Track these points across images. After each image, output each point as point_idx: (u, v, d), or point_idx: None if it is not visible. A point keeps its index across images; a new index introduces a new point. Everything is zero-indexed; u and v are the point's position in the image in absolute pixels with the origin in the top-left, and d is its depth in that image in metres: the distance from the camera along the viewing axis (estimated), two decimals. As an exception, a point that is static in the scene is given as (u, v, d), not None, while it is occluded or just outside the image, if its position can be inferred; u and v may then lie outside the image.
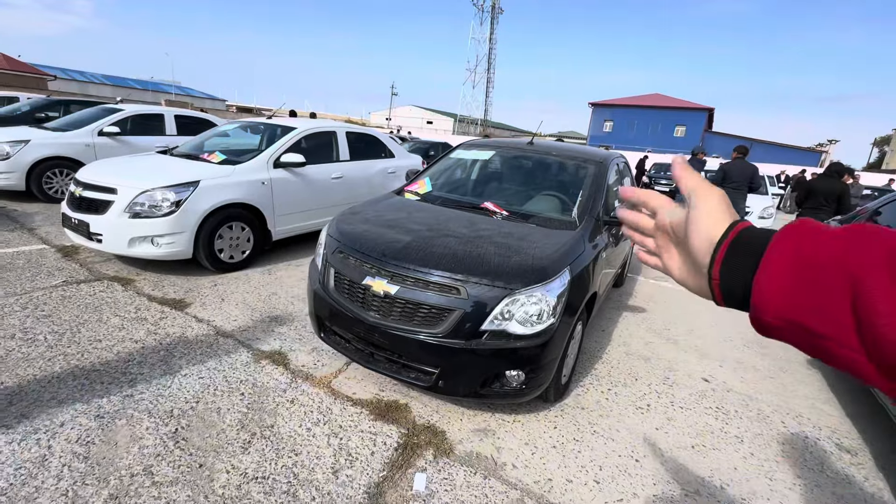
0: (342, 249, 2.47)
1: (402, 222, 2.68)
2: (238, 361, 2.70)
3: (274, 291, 3.84)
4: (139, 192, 3.62)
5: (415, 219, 2.74)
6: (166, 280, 3.85)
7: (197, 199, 3.79)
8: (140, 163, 4.29)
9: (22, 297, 3.20)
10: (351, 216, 2.84)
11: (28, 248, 4.28)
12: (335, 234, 2.63)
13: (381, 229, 2.59)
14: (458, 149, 3.81)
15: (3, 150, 5.77)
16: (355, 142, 5.60)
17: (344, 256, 2.44)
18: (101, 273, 3.83)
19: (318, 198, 4.98)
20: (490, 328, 2.08)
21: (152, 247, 3.68)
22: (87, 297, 3.34)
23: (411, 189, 3.35)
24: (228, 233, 4.11)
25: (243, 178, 4.17)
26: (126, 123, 6.86)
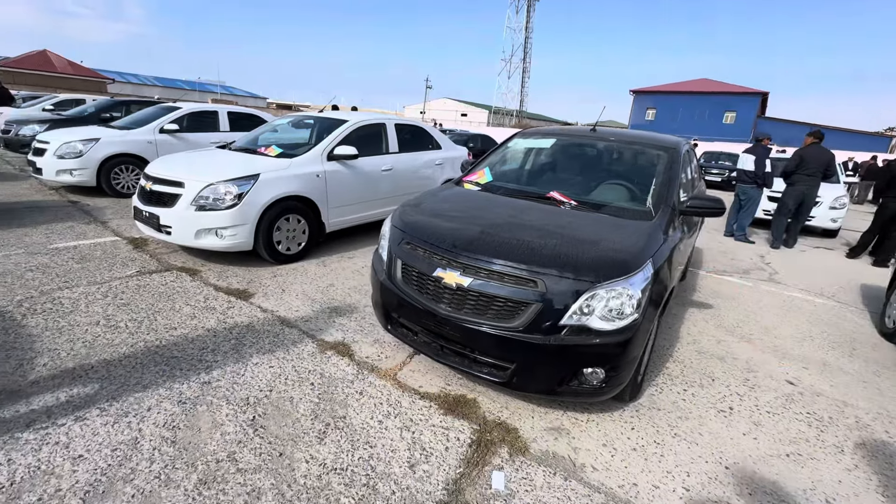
0: (409, 240, 2.43)
1: (469, 213, 2.61)
2: (304, 352, 2.73)
3: (331, 283, 3.88)
4: (204, 186, 3.74)
5: (481, 209, 2.66)
6: (229, 271, 3.97)
7: (257, 192, 3.87)
8: (203, 158, 4.43)
9: (102, 286, 3.38)
10: (414, 207, 2.79)
11: (103, 239, 4.54)
12: (400, 224, 2.59)
13: (447, 220, 2.53)
14: (516, 137, 3.68)
15: (77, 148, 6.15)
16: (404, 134, 5.57)
17: (412, 248, 2.40)
18: (169, 264, 4.00)
19: (368, 190, 4.99)
20: (570, 323, 1.97)
21: (216, 238, 3.80)
22: (160, 286, 3.49)
23: (471, 179, 3.27)
24: (286, 225, 4.18)
25: (299, 170, 4.23)
26: (183, 121, 7.16)
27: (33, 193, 6.35)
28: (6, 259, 3.78)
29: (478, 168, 3.42)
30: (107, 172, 6.37)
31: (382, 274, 2.53)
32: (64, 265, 3.76)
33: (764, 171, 6.72)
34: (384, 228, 2.77)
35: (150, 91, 56.42)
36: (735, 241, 7.13)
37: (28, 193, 6.33)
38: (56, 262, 3.82)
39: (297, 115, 5.56)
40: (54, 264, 3.76)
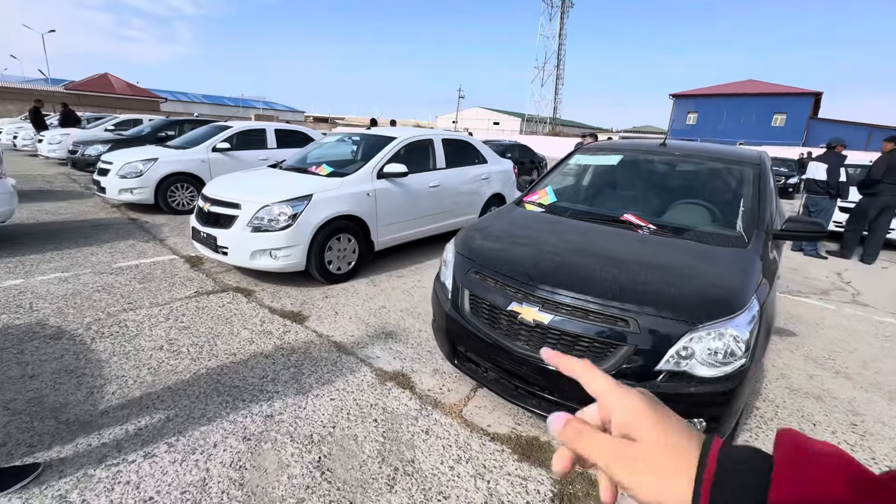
0: (478, 270, 2.28)
1: (539, 239, 2.45)
2: (364, 382, 2.63)
3: (382, 305, 3.80)
4: (260, 207, 3.75)
5: (551, 234, 2.49)
6: (282, 291, 3.96)
7: (310, 213, 3.85)
8: (257, 178, 4.49)
9: (164, 308, 3.42)
10: (479, 231, 2.65)
11: (161, 258, 4.66)
12: (466, 251, 2.46)
13: (518, 247, 2.37)
14: (578, 154, 3.49)
15: (137, 168, 6.43)
16: (450, 148, 5.48)
17: (481, 278, 2.26)
18: (225, 284, 4.04)
19: (417, 207, 4.92)
20: (667, 368, 1.76)
21: (271, 259, 3.80)
22: (218, 308, 3.51)
23: (532, 200, 3.10)
24: (336, 244, 4.15)
25: (350, 189, 4.20)
26: (234, 139, 7.38)
27: (97, 211, 6.69)
28: (76, 279, 3.92)
29: (539, 187, 3.25)
30: (164, 190, 6.63)
31: (447, 303, 2.39)
32: (127, 285, 3.86)
33: (838, 181, 6.18)
34: (447, 254, 2.65)
35: (199, 108, 59.68)
36: (805, 257, 6.58)
37: (93, 211, 6.67)
38: (120, 281, 3.93)
39: (345, 133, 5.59)
40: (118, 284, 3.87)
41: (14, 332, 2.92)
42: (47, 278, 3.90)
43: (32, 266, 4.17)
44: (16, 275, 3.93)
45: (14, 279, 3.82)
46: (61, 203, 7.06)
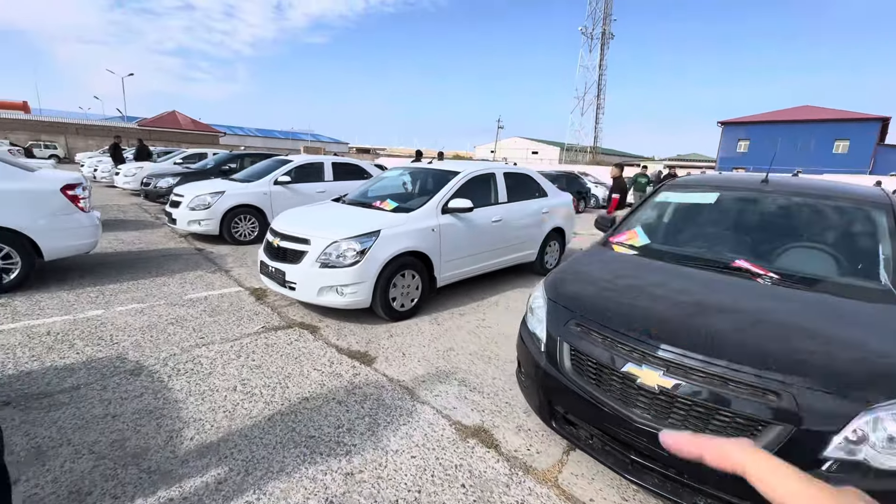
0: (580, 322, 2.07)
1: (645, 287, 2.21)
2: (444, 438, 2.43)
3: (450, 346, 3.62)
4: (329, 243, 3.73)
5: (658, 283, 2.25)
6: (346, 328, 3.87)
7: (378, 249, 3.79)
8: (323, 213, 4.52)
9: (234, 345, 3.41)
10: (573, 276, 2.46)
11: (228, 290, 4.74)
12: (561, 299, 2.26)
13: (624, 297, 2.15)
14: (666, 190, 3.25)
15: (206, 200, 6.74)
16: (512, 182, 5.36)
17: (584, 331, 2.04)
18: (290, 319, 4.01)
19: (479, 242, 4.78)
20: (836, 456, 1.46)
21: (338, 296, 3.74)
22: (286, 345, 3.45)
23: (621, 241, 2.88)
24: (401, 281, 4.05)
25: (416, 225, 4.13)
26: (293, 172, 7.64)
27: (167, 241, 7.02)
28: (151, 310, 4.02)
29: (626, 227, 3.03)
30: (228, 222, 6.89)
31: (541, 357, 2.18)
32: (198, 318, 3.91)
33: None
34: (535, 300, 2.46)
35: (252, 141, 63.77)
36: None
37: (163, 241, 7.00)
38: (191, 314, 3.99)
39: (406, 167, 5.61)
40: (190, 317, 3.92)
41: (97, 366, 2.96)
42: (125, 309, 4.02)
43: (111, 296, 4.33)
44: (97, 305, 4.08)
45: (96, 309, 3.96)
46: (135, 233, 7.49)
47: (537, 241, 5.68)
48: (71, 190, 4.55)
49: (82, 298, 4.22)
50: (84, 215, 4.67)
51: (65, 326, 3.57)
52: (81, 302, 4.13)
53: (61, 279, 4.74)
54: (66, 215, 4.50)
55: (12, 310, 3.83)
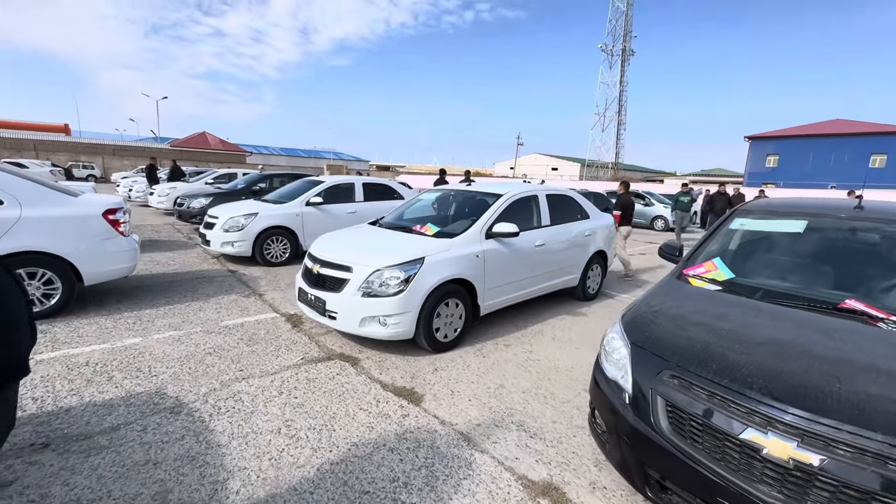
0: (678, 373, 1.82)
1: (745, 332, 1.95)
2: (511, 497, 2.18)
3: (500, 383, 3.37)
4: (373, 271, 3.57)
5: (758, 326, 1.98)
6: (388, 360, 3.67)
7: (423, 277, 3.61)
8: (363, 238, 4.38)
9: (275, 379, 3.24)
10: (654, 315, 2.21)
11: (264, 316, 4.62)
12: (648, 344, 2.01)
13: (725, 343, 1.89)
14: (740, 216, 2.97)
15: (240, 222, 6.72)
16: (554, 204, 5.14)
17: (682, 384, 1.78)
18: (329, 349, 3.84)
19: (523, 268, 4.56)
20: None
21: (380, 327, 3.55)
22: (328, 380, 3.27)
23: (699, 274, 2.61)
24: (445, 310, 3.84)
25: (460, 251, 3.93)
26: (324, 193, 7.59)
27: (201, 262, 7.02)
28: (188, 338, 3.91)
29: (700, 257, 2.76)
30: (260, 243, 6.85)
31: (627, 411, 1.93)
32: (236, 347, 3.77)
33: None
34: (611, 343, 2.21)
35: (277, 160, 65.45)
36: None
37: (196, 262, 7.00)
38: (228, 343, 3.86)
39: (444, 189, 5.46)
40: (227, 346, 3.79)
41: (136, 402, 2.83)
42: (162, 337, 3.92)
43: (148, 322, 4.25)
44: (135, 332, 3.99)
45: (134, 337, 3.87)
46: (169, 253, 7.54)
47: (580, 266, 5.41)
48: (112, 214, 4.54)
49: (120, 325, 4.15)
50: (124, 239, 4.65)
51: (103, 356, 3.47)
52: (119, 329, 4.06)
53: (99, 304, 4.71)
54: (107, 240, 4.48)
55: (52, 337, 3.77)
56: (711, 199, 12.73)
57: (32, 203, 4.06)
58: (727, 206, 11.85)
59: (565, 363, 3.80)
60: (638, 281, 7.22)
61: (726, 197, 12.47)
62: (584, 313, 5.24)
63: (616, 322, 2.36)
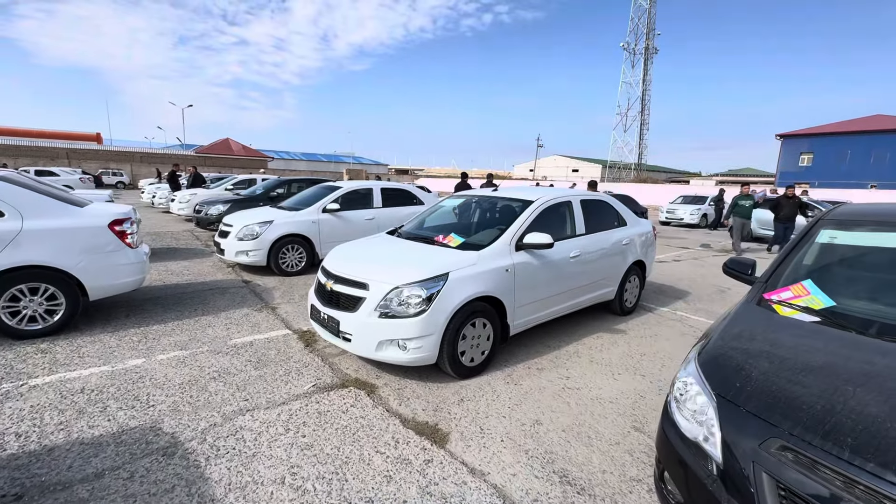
0: (793, 445, 1.37)
1: (882, 384, 1.48)
2: (562, 581, 1.75)
3: (536, 418, 2.95)
4: (391, 289, 3.20)
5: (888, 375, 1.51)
6: (408, 388, 3.29)
7: (447, 295, 3.22)
8: (380, 250, 4.02)
9: (282, 411, 2.89)
10: (744, 358, 1.75)
11: (275, 333, 4.31)
12: (743, 400, 1.56)
13: (854, 402, 1.42)
14: (828, 227, 2.47)
15: (255, 231, 6.48)
16: (590, 211, 4.69)
17: (802, 460, 1.34)
18: (343, 374, 3.48)
19: (556, 282, 4.11)
20: None
21: (400, 351, 3.18)
22: (341, 413, 2.90)
23: (785, 300, 2.14)
24: (471, 331, 3.44)
25: (488, 265, 3.53)
26: (342, 200, 7.30)
27: (215, 272, 6.81)
28: (193, 360, 3.62)
29: (785, 278, 2.28)
30: (275, 252, 6.59)
31: (719, 487, 1.48)
32: (243, 371, 3.46)
33: None
34: (686, 390, 1.77)
35: (298, 164, 66.40)
36: None
37: (211, 272, 6.80)
38: (235, 365, 3.55)
39: (467, 194, 5.06)
40: (234, 369, 3.48)
41: (127, 441, 2.52)
42: (166, 357, 3.64)
43: (154, 340, 3.99)
44: (139, 352, 3.73)
45: (137, 358, 3.60)
46: (184, 262, 7.36)
47: (617, 278, 4.93)
48: (119, 225, 4.31)
49: (124, 343, 3.90)
50: (132, 252, 4.42)
51: (101, 381, 3.20)
52: (123, 348, 3.80)
53: (106, 318, 4.48)
54: (114, 252, 4.25)
55: (51, 358, 3.53)
56: (777, 203, 10.66)
57: (35, 215, 3.85)
58: (797, 213, 10.37)
59: (608, 393, 3.34)
60: (678, 292, 6.66)
61: (796, 202, 10.49)
62: (623, 330, 4.75)
63: (689, 361, 1.92)
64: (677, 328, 4.90)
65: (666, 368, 3.82)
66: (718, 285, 7.21)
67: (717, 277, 7.83)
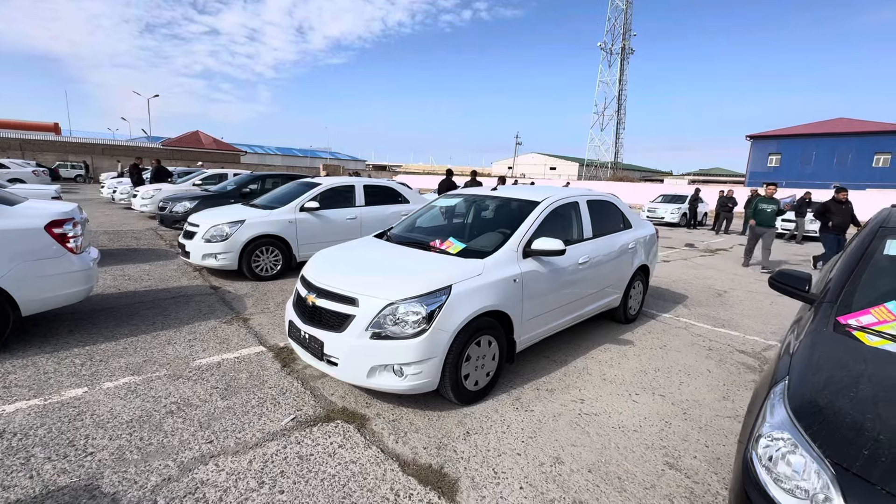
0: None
1: None
2: None
3: (555, 455, 2.54)
4: (384, 306, 2.73)
5: None
6: (403, 418, 2.84)
7: (451, 311, 2.77)
8: (368, 256, 3.53)
9: (255, 458, 2.39)
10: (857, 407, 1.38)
11: (247, 351, 3.77)
12: (871, 472, 1.19)
13: None
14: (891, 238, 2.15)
15: (224, 231, 5.85)
16: (596, 212, 4.32)
17: None
18: (328, 403, 2.99)
19: (565, 291, 3.73)
20: None
21: (396, 378, 2.72)
22: (326, 457, 2.42)
23: (867, 325, 1.79)
24: (476, 351, 3.01)
25: (494, 276, 3.10)
26: (321, 197, 6.73)
27: (180, 276, 6.14)
28: (147, 388, 3.06)
29: (859, 299, 1.94)
30: (248, 255, 5.98)
31: None
32: (207, 402, 2.92)
33: None
34: (778, 450, 1.39)
35: (272, 159, 64.42)
36: None
37: (175, 276, 6.13)
38: (199, 394, 3.01)
39: (462, 193, 4.61)
40: (197, 400, 2.94)
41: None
42: (114, 386, 3.07)
43: (101, 363, 3.39)
44: (81, 379, 3.13)
45: (77, 388, 3.01)
46: (144, 266, 6.65)
47: (623, 284, 4.60)
48: (59, 227, 3.68)
49: (64, 367, 3.29)
50: (75, 258, 3.79)
51: (28, 420, 2.62)
52: (62, 374, 3.20)
53: (45, 335, 3.84)
54: (52, 259, 3.62)
55: (-32, 390, 2.91)
56: (826, 209, 8.28)
57: (-52, 215, 3.19)
58: (849, 222, 8.19)
59: (629, 420, 2.98)
60: (675, 296, 6.41)
61: (849, 208, 8.17)
62: (630, 341, 4.41)
63: (774, 403, 1.53)
64: (685, 338, 4.60)
65: (685, 386, 3.50)
66: (713, 287, 7.02)
67: (708, 279, 7.66)
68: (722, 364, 3.97)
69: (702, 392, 3.42)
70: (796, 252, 11.97)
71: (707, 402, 3.26)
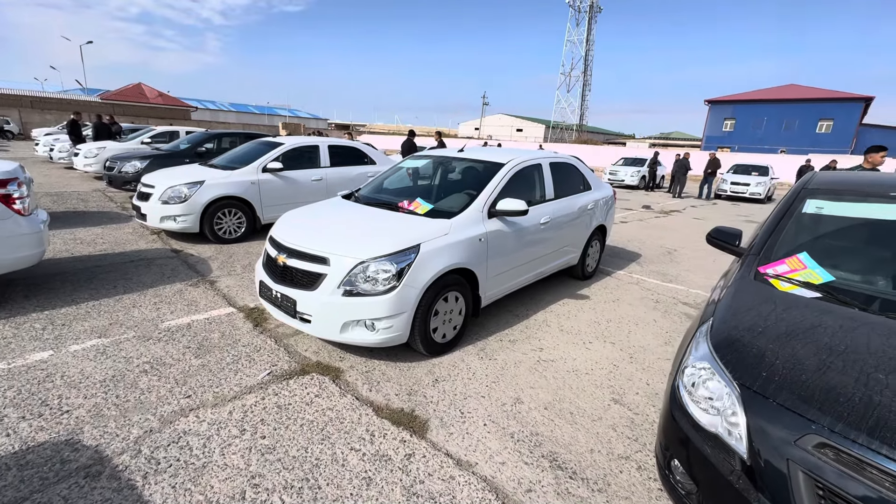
0: (834, 443, 1.27)
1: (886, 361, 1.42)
2: (569, 582, 1.64)
3: (516, 396, 2.81)
4: (355, 264, 2.83)
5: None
6: (375, 370, 3.02)
7: (419, 269, 2.91)
8: (337, 217, 3.57)
9: (234, 408, 2.51)
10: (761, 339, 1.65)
11: (217, 312, 3.79)
12: (769, 388, 1.45)
13: (889, 394, 1.35)
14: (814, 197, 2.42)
15: (182, 192, 5.65)
16: (558, 175, 4.50)
17: (845, 459, 1.24)
18: (303, 358, 3.12)
19: (527, 250, 3.94)
20: None
21: (367, 332, 2.86)
22: (304, 405, 2.57)
23: (782, 274, 2.08)
24: (443, 306, 3.20)
25: (461, 235, 3.24)
26: (285, 158, 6.55)
27: (136, 239, 5.93)
28: (117, 349, 3.07)
29: (776, 251, 2.22)
30: (210, 217, 5.83)
31: (746, 486, 1.38)
32: (181, 360, 2.98)
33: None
34: (699, 376, 1.65)
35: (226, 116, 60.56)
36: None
37: (131, 239, 5.91)
38: (171, 354, 3.06)
39: (430, 154, 4.65)
40: (170, 359, 2.99)
41: (36, 462, 2.04)
42: (82, 348, 3.05)
43: (64, 327, 3.34)
44: (44, 343, 3.09)
45: (42, 351, 2.98)
46: (97, 229, 6.35)
47: (581, 243, 4.87)
48: (2, 187, 3.47)
49: (24, 332, 3.22)
50: (24, 220, 3.61)
51: (-6, 383, 2.60)
52: (22, 338, 3.14)
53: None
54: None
55: (-79, 356, 2.82)
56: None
57: None
58: None
59: (582, 364, 3.29)
60: (629, 254, 6.83)
61: None
62: (587, 296, 4.75)
63: (698, 342, 1.79)
64: (636, 292, 4.99)
65: (633, 334, 3.86)
66: (664, 246, 7.51)
67: (662, 238, 8.16)
68: (667, 314, 4.38)
69: (647, 339, 3.79)
70: (741, 213, 12.80)
71: (651, 348, 3.63)
